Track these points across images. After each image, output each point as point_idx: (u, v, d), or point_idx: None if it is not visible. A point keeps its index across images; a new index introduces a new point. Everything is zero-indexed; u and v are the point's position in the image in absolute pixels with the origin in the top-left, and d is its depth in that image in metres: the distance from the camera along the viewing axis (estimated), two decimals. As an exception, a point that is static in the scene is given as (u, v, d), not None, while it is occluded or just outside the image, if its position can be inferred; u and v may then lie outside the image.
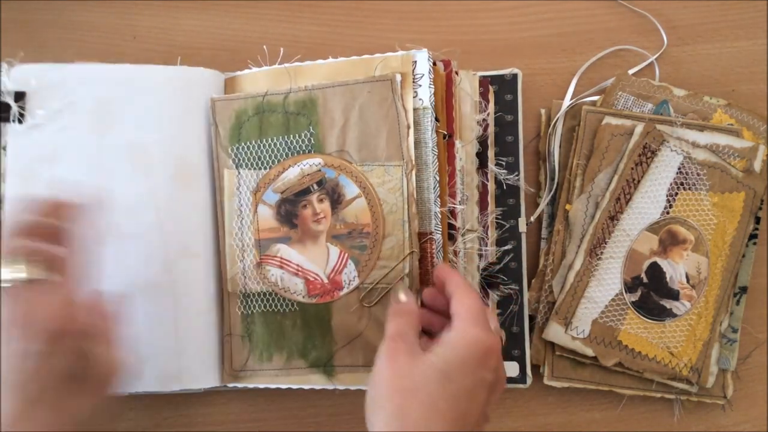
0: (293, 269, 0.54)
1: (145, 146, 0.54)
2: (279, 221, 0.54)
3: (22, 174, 0.53)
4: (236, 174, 0.55)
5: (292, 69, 0.55)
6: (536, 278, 0.58)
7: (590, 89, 0.61)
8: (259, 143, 0.55)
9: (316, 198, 0.53)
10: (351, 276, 0.53)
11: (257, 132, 0.55)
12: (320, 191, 0.53)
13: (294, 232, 0.54)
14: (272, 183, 0.54)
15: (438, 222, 0.52)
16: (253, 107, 0.55)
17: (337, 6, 0.62)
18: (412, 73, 0.53)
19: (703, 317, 0.56)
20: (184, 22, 0.61)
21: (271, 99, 0.55)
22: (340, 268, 0.53)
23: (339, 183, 0.53)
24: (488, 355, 0.42)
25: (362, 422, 0.58)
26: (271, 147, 0.54)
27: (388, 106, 0.52)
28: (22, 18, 0.60)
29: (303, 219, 0.54)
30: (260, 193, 0.54)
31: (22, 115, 0.54)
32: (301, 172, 0.54)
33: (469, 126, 0.56)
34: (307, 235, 0.53)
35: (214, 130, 0.55)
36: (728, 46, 0.62)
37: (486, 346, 0.42)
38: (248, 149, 0.55)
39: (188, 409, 0.58)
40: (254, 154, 0.55)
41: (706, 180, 0.57)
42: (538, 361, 0.58)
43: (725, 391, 0.58)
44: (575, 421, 0.59)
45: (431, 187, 0.53)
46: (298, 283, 0.54)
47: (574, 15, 0.62)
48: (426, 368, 0.41)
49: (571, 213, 0.57)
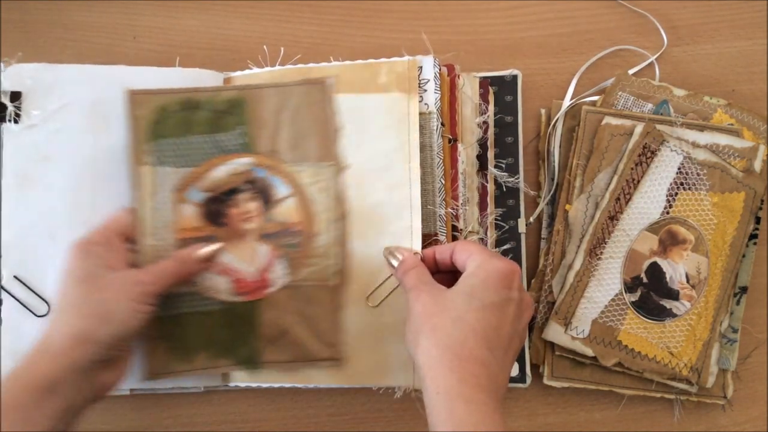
0: (218, 268, 0.53)
1: None
2: (204, 220, 0.53)
3: (18, 173, 0.53)
4: (156, 171, 0.53)
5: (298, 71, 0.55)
6: (536, 278, 0.58)
7: (590, 89, 0.61)
8: (183, 140, 0.53)
9: (246, 197, 0.53)
10: (280, 274, 0.53)
11: (181, 129, 0.53)
12: (250, 191, 0.53)
13: (220, 231, 0.53)
14: (198, 181, 0.53)
15: (443, 224, 0.53)
16: (177, 103, 0.53)
17: (337, 6, 0.62)
18: (418, 78, 0.53)
19: (703, 317, 0.56)
20: (184, 22, 0.61)
21: (197, 96, 0.54)
22: (269, 266, 0.53)
23: (270, 183, 0.53)
24: (510, 277, 0.45)
25: (361, 422, 0.58)
26: (197, 145, 0.53)
27: (320, 109, 0.53)
28: (22, 18, 0.60)
29: (231, 218, 0.53)
30: (183, 192, 0.53)
31: (18, 115, 0.53)
32: (230, 171, 0.53)
33: (470, 129, 0.56)
34: (235, 234, 0.53)
35: (130, 124, 0.53)
36: (728, 46, 0.62)
37: (506, 269, 0.45)
38: (170, 146, 0.53)
39: (188, 409, 0.58)
40: (177, 152, 0.53)
41: (706, 180, 0.57)
42: (538, 361, 0.58)
43: (725, 391, 0.58)
44: (575, 421, 0.59)
45: (436, 189, 0.53)
46: (223, 282, 0.53)
47: (574, 15, 0.62)
48: (452, 295, 0.44)
49: (571, 213, 0.57)
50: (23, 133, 0.53)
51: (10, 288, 0.52)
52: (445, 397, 0.40)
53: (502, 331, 0.43)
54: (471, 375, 0.40)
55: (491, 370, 0.41)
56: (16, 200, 0.53)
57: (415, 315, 0.44)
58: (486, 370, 0.41)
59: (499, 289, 0.44)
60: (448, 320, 0.42)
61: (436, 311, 0.43)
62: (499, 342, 0.43)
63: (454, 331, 0.42)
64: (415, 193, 0.52)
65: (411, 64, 0.53)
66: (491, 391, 0.40)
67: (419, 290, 0.46)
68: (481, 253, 0.46)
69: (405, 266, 0.48)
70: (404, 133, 0.53)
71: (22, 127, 0.53)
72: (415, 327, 0.44)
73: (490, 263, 0.45)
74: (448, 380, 0.40)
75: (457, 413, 0.39)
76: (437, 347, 0.42)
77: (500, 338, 0.43)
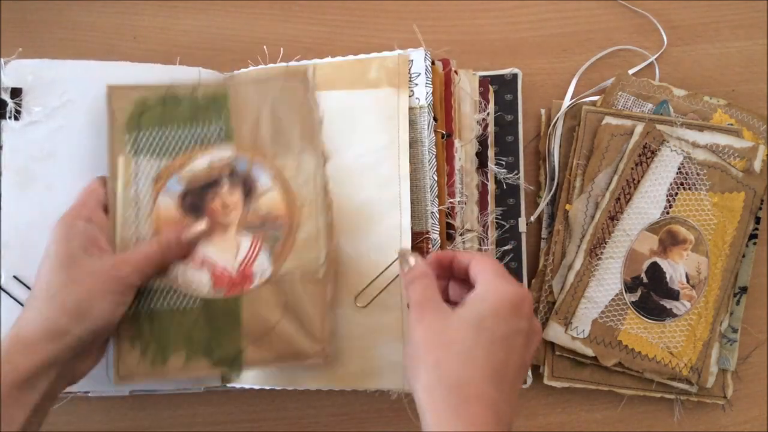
0: (197, 262, 0.51)
1: None
2: (183, 212, 0.52)
3: (18, 171, 0.53)
4: (133, 162, 0.52)
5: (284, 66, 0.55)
6: (536, 278, 0.58)
7: (590, 89, 0.61)
8: (162, 132, 0.53)
9: (226, 189, 0.52)
10: (263, 267, 0.51)
11: (159, 120, 0.53)
12: (231, 183, 0.52)
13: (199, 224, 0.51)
14: (177, 172, 0.52)
15: (435, 222, 0.52)
16: (156, 97, 0.53)
17: (337, 6, 0.62)
18: (409, 72, 0.53)
19: (703, 317, 0.56)
20: (184, 22, 0.61)
21: (176, 91, 0.53)
22: (251, 260, 0.51)
23: (251, 175, 0.52)
24: (520, 305, 0.41)
25: (361, 422, 0.58)
26: (176, 136, 0.53)
27: (301, 100, 0.52)
28: (22, 18, 0.60)
29: (211, 210, 0.52)
30: (161, 183, 0.52)
31: (18, 112, 0.53)
32: (210, 162, 0.52)
33: (469, 126, 0.56)
34: (216, 226, 0.52)
35: (109, 116, 0.52)
36: (728, 46, 0.62)
37: (517, 295, 0.41)
38: (148, 137, 0.52)
39: (188, 409, 0.58)
40: (156, 143, 0.52)
41: (706, 180, 0.57)
42: (538, 361, 0.58)
43: (725, 391, 0.58)
44: (575, 421, 0.59)
45: (427, 186, 0.52)
46: (202, 277, 0.51)
47: (574, 15, 0.62)
48: (458, 322, 0.41)
49: (571, 213, 0.57)
50: (24, 130, 0.53)
51: (9, 288, 0.52)
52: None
53: (511, 365, 0.40)
54: (477, 417, 0.37)
55: (499, 411, 0.38)
56: (16, 198, 0.53)
57: (416, 341, 0.41)
58: (493, 412, 0.38)
59: (509, 319, 0.41)
60: (453, 356, 0.39)
61: (440, 343, 0.40)
62: (508, 378, 0.40)
63: (460, 369, 0.39)
64: (404, 190, 0.51)
65: (401, 58, 0.53)
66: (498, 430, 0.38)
67: (423, 310, 0.42)
68: (493, 272, 0.43)
69: (412, 274, 0.45)
70: (394, 129, 0.52)
71: (22, 124, 0.53)
72: (417, 355, 0.41)
73: (501, 287, 0.42)
74: (453, 424, 0.37)
75: None
76: (441, 386, 0.38)
77: (509, 374, 0.40)
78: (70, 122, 0.54)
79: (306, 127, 0.52)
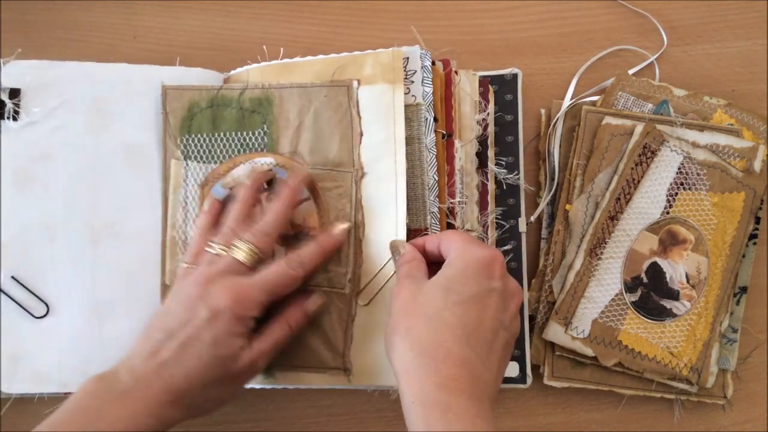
0: None
1: (142, 146, 0.54)
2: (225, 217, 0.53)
3: (17, 172, 0.53)
4: (184, 165, 0.54)
5: (284, 65, 0.55)
6: (536, 278, 0.58)
7: (590, 89, 0.61)
8: (211, 137, 0.54)
9: (265, 197, 0.52)
10: None
11: (209, 125, 0.54)
12: (269, 191, 0.53)
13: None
14: (221, 178, 0.53)
15: (435, 220, 0.52)
16: (207, 99, 0.54)
17: (337, 6, 0.62)
18: (405, 69, 0.53)
19: (703, 317, 0.56)
20: (184, 22, 0.61)
21: (225, 93, 0.54)
22: None
23: None
24: (490, 265, 0.42)
25: (361, 422, 0.58)
26: (223, 141, 0.54)
27: (343, 112, 0.52)
28: (22, 18, 0.60)
29: None
30: (208, 187, 0.53)
31: (16, 113, 0.53)
32: (252, 169, 0.53)
33: (469, 126, 0.56)
34: None
35: (164, 118, 0.54)
36: (728, 46, 0.62)
37: (486, 256, 0.42)
38: (199, 141, 0.54)
39: (188, 409, 0.58)
40: (205, 147, 0.54)
41: (706, 180, 0.57)
42: (538, 361, 0.58)
43: (725, 391, 0.58)
44: (575, 421, 0.59)
45: (425, 183, 0.52)
46: None
47: (574, 15, 0.62)
48: (428, 288, 0.41)
49: (571, 213, 0.57)
50: (22, 131, 0.53)
51: (7, 289, 0.52)
52: (420, 407, 0.36)
53: (484, 325, 0.40)
54: (449, 379, 0.37)
55: (473, 370, 0.38)
56: (15, 199, 0.53)
57: (393, 314, 0.42)
58: (467, 371, 0.37)
59: (480, 279, 0.41)
60: (422, 319, 0.39)
61: (411, 309, 0.41)
62: (482, 338, 0.39)
63: (429, 332, 0.39)
64: (400, 186, 0.52)
65: (395, 54, 0.53)
66: (474, 394, 0.37)
67: (401, 285, 0.43)
68: (462, 241, 0.43)
69: (401, 260, 0.46)
70: (390, 126, 0.52)
71: (21, 125, 0.53)
72: (391, 327, 0.41)
73: (469, 251, 0.42)
74: (424, 387, 0.37)
75: (434, 424, 0.36)
76: (412, 350, 0.38)
77: (482, 333, 0.39)
78: (68, 123, 0.54)
79: (345, 140, 0.52)
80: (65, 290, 0.53)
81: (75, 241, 0.53)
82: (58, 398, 0.54)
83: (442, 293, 0.40)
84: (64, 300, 0.53)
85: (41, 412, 0.55)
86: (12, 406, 0.55)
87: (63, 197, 0.53)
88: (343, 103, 0.52)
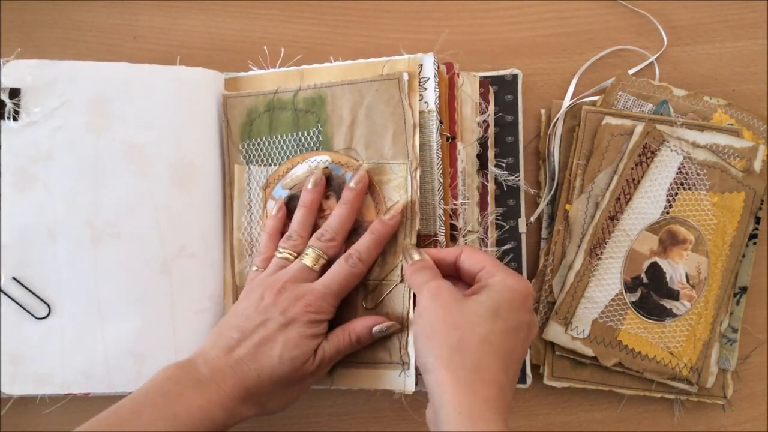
0: None
1: (143, 146, 0.54)
2: (287, 217, 0.54)
3: (17, 172, 0.53)
4: (246, 170, 0.56)
5: (300, 71, 0.56)
6: (536, 278, 0.58)
7: (590, 89, 0.61)
8: (269, 140, 0.55)
9: (325, 195, 0.54)
10: None
11: (267, 129, 0.55)
12: (327, 188, 0.54)
13: None
14: (281, 179, 0.55)
15: (441, 223, 0.53)
16: (264, 104, 0.56)
17: (337, 6, 0.62)
18: (419, 76, 0.53)
19: (703, 317, 0.56)
20: (184, 22, 0.61)
21: (281, 96, 0.55)
22: None
23: (346, 180, 0.53)
24: (528, 298, 0.45)
25: (361, 422, 0.58)
26: (281, 143, 0.55)
27: (395, 104, 0.53)
28: (22, 18, 0.60)
29: None
30: (269, 189, 0.55)
31: (17, 113, 0.53)
32: (309, 168, 0.54)
33: (470, 128, 0.56)
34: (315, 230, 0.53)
35: (225, 126, 0.56)
36: (728, 46, 0.62)
37: (525, 289, 0.45)
38: (258, 145, 0.55)
39: (188, 409, 0.58)
40: (264, 151, 0.55)
41: (706, 180, 0.57)
42: (538, 361, 0.58)
43: (725, 391, 0.58)
44: (575, 421, 0.59)
45: (435, 189, 0.53)
46: None
47: (574, 15, 0.62)
48: (477, 307, 0.43)
49: (571, 213, 0.57)
50: (22, 131, 0.53)
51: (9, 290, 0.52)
52: (467, 418, 0.40)
53: (517, 354, 0.44)
54: (491, 399, 0.40)
55: (506, 394, 0.42)
56: (15, 199, 0.53)
57: (434, 314, 0.44)
58: (502, 394, 0.41)
59: (521, 312, 0.44)
60: (475, 339, 0.42)
61: (461, 322, 0.43)
62: (513, 365, 0.43)
63: (480, 352, 0.42)
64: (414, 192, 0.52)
65: (412, 62, 0.53)
66: (504, 413, 0.41)
67: (439, 288, 0.45)
68: (499, 268, 0.46)
69: (420, 264, 0.48)
70: None
71: (21, 125, 0.53)
72: (433, 331, 0.43)
73: (512, 281, 0.45)
74: (471, 402, 0.40)
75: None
76: (464, 369, 0.41)
77: (514, 362, 0.44)
78: (68, 123, 0.54)
79: (399, 132, 0.52)
80: (67, 291, 0.53)
81: (76, 241, 0.53)
82: (59, 399, 0.55)
83: (491, 317, 0.43)
84: (65, 301, 0.53)
85: (42, 412, 0.56)
86: (12, 407, 0.55)
87: (64, 197, 0.53)
88: (394, 95, 0.53)
